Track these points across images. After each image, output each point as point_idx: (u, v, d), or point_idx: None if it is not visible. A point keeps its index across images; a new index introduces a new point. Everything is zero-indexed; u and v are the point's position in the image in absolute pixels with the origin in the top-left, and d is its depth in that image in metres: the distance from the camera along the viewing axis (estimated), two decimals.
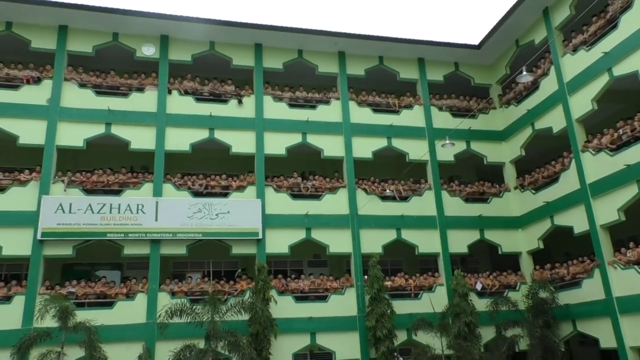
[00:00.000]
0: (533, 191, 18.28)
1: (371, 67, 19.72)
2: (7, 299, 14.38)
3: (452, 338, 15.32)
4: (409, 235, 18.01)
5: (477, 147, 19.72)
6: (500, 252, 18.80)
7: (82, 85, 16.86)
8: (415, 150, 18.84)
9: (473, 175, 21.24)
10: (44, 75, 16.61)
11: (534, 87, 18.33)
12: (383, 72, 19.94)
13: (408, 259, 19.45)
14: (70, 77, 16.80)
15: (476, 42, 20.00)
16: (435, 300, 16.64)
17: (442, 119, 19.52)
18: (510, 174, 19.64)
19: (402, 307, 16.48)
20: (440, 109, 19.90)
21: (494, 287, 17.76)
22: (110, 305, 14.95)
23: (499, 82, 20.51)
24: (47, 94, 16.32)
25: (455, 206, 18.68)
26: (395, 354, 15.69)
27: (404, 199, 18.44)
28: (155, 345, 14.50)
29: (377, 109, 19.38)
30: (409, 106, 19.66)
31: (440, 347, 15.22)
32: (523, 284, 17.86)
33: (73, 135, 16.26)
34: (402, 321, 16.15)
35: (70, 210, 15.27)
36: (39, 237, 14.88)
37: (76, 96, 16.61)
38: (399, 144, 19.02)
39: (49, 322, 12.67)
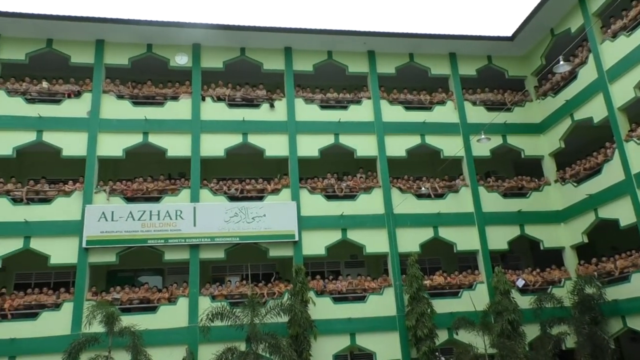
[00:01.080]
0: (575, 184, 17.72)
1: (402, 64, 19.55)
2: (57, 306, 14.94)
3: (495, 337, 15.01)
4: (446, 233, 17.75)
5: (514, 140, 19.27)
6: (542, 248, 18.31)
7: (120, 96, 17.38)
8: (450, 146, 18.57)
9: (511, 170, 20.77)
10: (83, 88, 17.22)
11: (571, 76, 17.77)
12: (414, 69, 19.74)
13: (446, 257, 19.18)
14: (108, 89, 17.34)
15: (509, 33, 19.56)
16: (476, 299, 16.36)
17: (477, 114, 19.17)
18: (549, 167, 19.09)
19: (442, 306, 16.28)
20: (474, 103, 19.55)
21: (537, 284, 17.31)
22: (153, 310, 15.32)
23: (534, 73, 19.99)
24: (87, 106, 16.89)
25: (493, 202, 18.31)
26: (437, 353, 15.49)
27: (440, 196, 18.19)
28: (198, 348, 14.77)
29: (409, 106, 19.21)
30: (442, 102, 19.40)
31: (483, 346, 14.93)
32: (568, 279, 17.34)
33: (113, 146, 16.78)
34: (443, 320, 15.94)
35: (112, 218, 15.74)
36: (84, 245, 15.41)
37: (114, 107, 17.14)
38: (432, 140, 18.79)
39: (96, 327, 13.09)
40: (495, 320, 15.58)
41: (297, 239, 16.58)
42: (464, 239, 17.78)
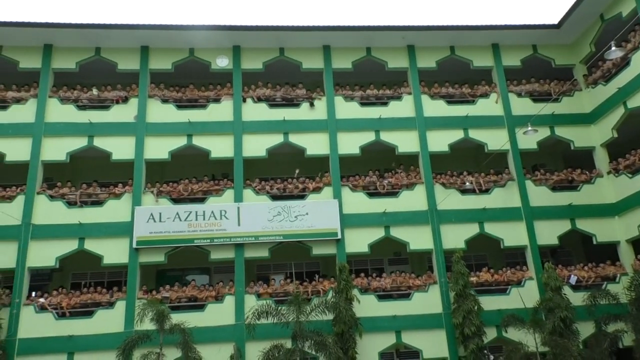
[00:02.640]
0: (629, 175, 16.92)
1: (442, 58, 19.20)
2: (111, 304, 15.55)
3: (547, 334, 14.55)
4: (492, 229, 17.34)
5: (563, 132, 18.59)
6: (595, 242, 17.60)
7: (165, 100, 17.88)
8: (495, 139, 18.12)
9: (560, 163, 20.07)
10: (130, 94, 17.81)
11: (624, 63, 16.95)
12: (455, 62, 19.35)
13: (493, 253, 18.74)
14: (153, 94, 17.87)
15: (554, 21, 18.87)
16: (525, 295, 15.95)
17: (522, 106, 18.61)
18: (601, 159, 18.32)
19: (489, 303, 15.93)
20: (519, 95, 18.99)
21: (590, 280, 16.67)
22: (201, 308, 15.70)
23: (583, 61, 19.21)
24: (134, 111, 17.47)
25: (541, 196, 17.74)
26: (486, 351, 15.18)
27: (485, 191, 17.78)
28: (245, 345, 15.04)
29: (451, 100, 18.86)
30: (485, 95, 18.94)
31: (534, 344, 14.51)
32: (624, 275, 16.60)
33: (159, 148, 17.29)
34: (491, 318, 15.61)
35: (160, 219, 16.23)
36: (134, 245, 15.95)
37: (160, 111, 17.65)
38: (476, 134, 18.38)
39: (147, 325, 13.56)
40: (546, 317, 15.12)
41: (339, 236, 16.59)
42: (512, 234, 17.32)
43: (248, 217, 16.51)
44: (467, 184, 17.71)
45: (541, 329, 14.67)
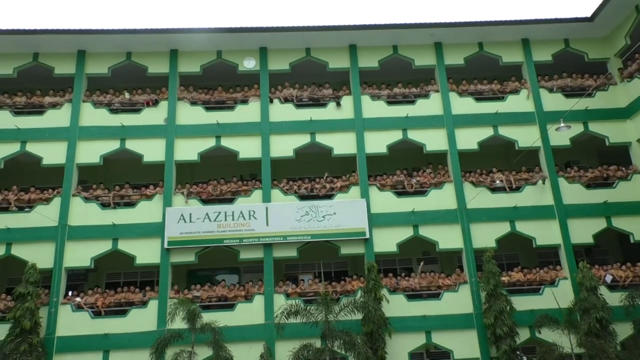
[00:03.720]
0: None
1: (471, 54, 18.93)
2: (144, 303, 15.88)
3: (582, 335, 14.22)
4: (524, 227, 17.00)
5: (597, 127, 18.08)
6: (632, 241, 17.04)
7: (193, 102, 18.16)
8: (526, 137, 17.77)
9: (594, 159, 19.54)
10: (160, 97, 18.15)
11: None
12: (484, 59, 19.05)
13: (525, 252, 18.39)
14: (182, 96, 18.18)
15: (587, 14, 18.38)
16: (559, 295, 15.61)
17: (554, 101, 18.19)
18: (638, 154, 17.75)
19: (522, 303, 15.65)
20: (551, 90, 18.56)
21: (628, 280, 16.16)
22: (231, 307, 15.89)
23: (618, 54, 18.64)
24: (164, 114, 17.80)
25: (575, 193, 17.29)
26: (518, 352, 14.90)
27: (516, 189, 17.44)
28: (274, 344, 15.14)
29: (480, 97, 18.58)
30: (515, 91, 18.58)
31: (569, 345, 14.17)
32: None
33: (188, 150, 17.56)
34: (524, 318, 15.34)
35: (190, 220, 16.49)
36: (165, 245, 16.25)
37: (189, 113, 17.93)
38: (506, 131, 18.05)
39: (179, 324, 13.81)
40: (581, 318, 14.79)
41: (367, 236, 16.55)
42: (544, 233, 16.94)
43: (276, 217, 16.62)
44: (498, 182, 17.42)
45: (576, 330, 14.35)
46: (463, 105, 18.31)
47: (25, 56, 18.06)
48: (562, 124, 14.60)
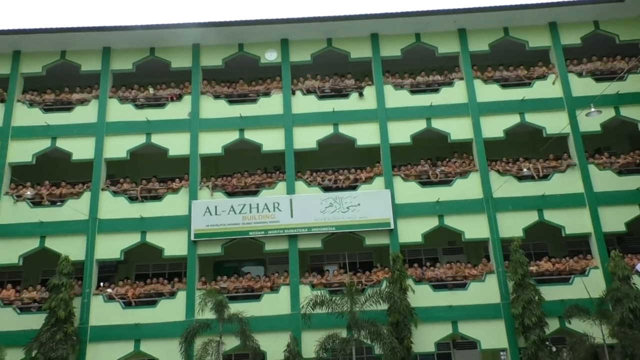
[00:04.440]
0: None
1: (496, 40, 18.53)
2: (172, 294, 16.20)
3: (615, 326, 13.90)
4: (553, 216, 16.66)
5: (629, 112, 17.50)
6: None
7: (216, 96, 18.31)
8: (554, 123, 17.35)
9: (626, 145, 18.96)
10: (184, 91, 18.35)
11: None
12: (510, 44, 18.62)
13: (554, 241, 18.03)
14: (205, 90, 18.34)
15: None
16: (590, 285, 15.26)
17: (583, 86, 17.68)
18: None
19: (551, 293, 15.39)
20: (580, 75, 18.04)
21: None
22: (257, 298, 16.07)
23: None
24: (188, 108, 17.99)
25: (606, 181, 16.83)
26: (547, 343, 14.67)
27: (544, 177, 17.08)
28: (301, 334, 15.27)
29: (505, 84, 18.20)
30: (542, 76, 18.13)
31: (601, 336, 13.89)
32: None
33: (213, 144, 17.74)
34: (553, 308, 15.09)
35: (216, 212, 16.70)
36: (192, 238, 16.51)
37: (212, 107, 18.09)
38: (533, 118, 17.65)
39: (207, 314, 14.05)
40: (613, 308, 14.46)
41: (392, 226, 16.47)
42: (574, 221, 16.57)
43: (300, 209, 16.68)
44: (525, 170, 17.09)
45: (608, 320, 14.07)
46: (488, 92, 17.97)
47: (53, 54, 18.49)
48: (592, 109, 14.22)
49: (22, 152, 17.53)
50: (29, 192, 16.95)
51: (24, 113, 17.94)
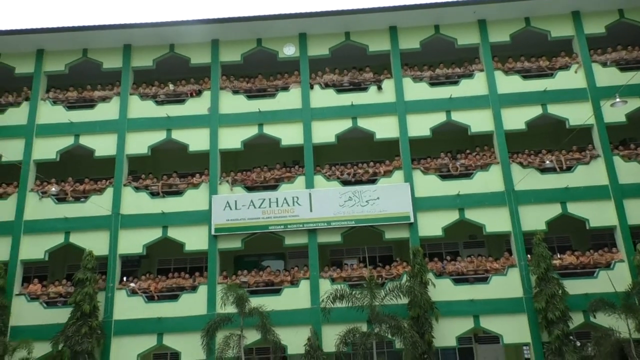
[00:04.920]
0: None
1: (517, 30, 18.22)
2: (194, 288, 16.38)
3: None
4: (576, 209, 16.37)
5: None
6: None
7: (235, 91, 18.38)
8: (577, 114, 17.03)
9: None
10: (203, 87, 18.48)
11: None
12: (531, 34, 18.30)
13: (577, 234, 17.74)
14: (224, 85, 18.43)
15: None
16: (616, 279, 14.97)
17: (608, 76, 17.30)
18: None
19: (575, 286, 15.15)
20: (604, 64, 17.63)
21: None
22: (277, 292, 16.14)
23: None
24: (208, 104, 18.12)
25: (632, 173, 16.47)
26: (572, 337, 14.45)
27: (568, 169, 16.78)
28: (321, 328, 15.30)
29: (527, 75, 17.90)
30: (565, 67, 17.77)
31: (627, 330, 13.62)
32: None
33: (232, 139, 17.84)
34: (577, 302, 14.87)
35: (236, 207, 16.80)
36: (212, 232, 16.65)
37: (231, 102, 18.17)
38: (556, 109, 17.34)
39: (228, 308, 14.16)
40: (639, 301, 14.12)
41: (412, 220, 16.38)
42: (598, 214, 16.26)
43: (320, 203, 16.69)
44: (547, 162, 16.81)
45: (634, 314, 13.81)
46: (509, 83, 17.70)
47: (75, 53, 18.78)
48: (617, 99, 13.91)
49: (46, 149, 17.88)
50: (53, 189, 17.31)
51: (47, 111, 18.28)
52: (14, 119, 18.13)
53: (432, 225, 16.52)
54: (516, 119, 17.36)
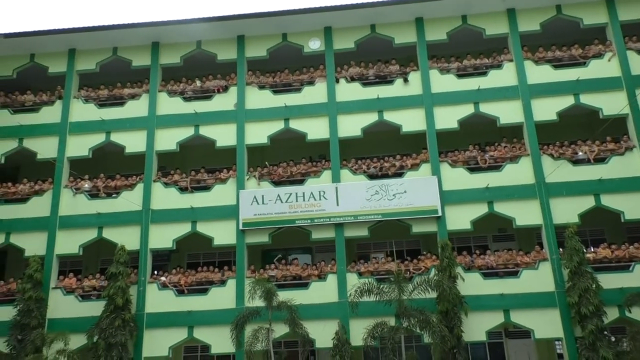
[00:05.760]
0: None
1: (547, 19, 17.75)
2: (222, 282, 16.61)
3: None
4: (611, 201, 15.92)
5: None
6: None
7: (261, 86, 18.48)
8: (611, 104, 16.52)
9: None
10: (230, 83, 18.63)
11: None
12: (562, 22, 17.81)
13: (612, 227, 17.28)
14: (250, 81, 18.55)
15: None
16: None
17: None
18: None
19: (609, 281, 14.76)
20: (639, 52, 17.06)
21: None
22: (305, 286, 16.23)
23: None
24: (234, 99, 18.26)
25: None
26: (606, 332, 14.11)
27: (601, 160, 16.32)
28: (349, 322, 15.33)
29: (558, 64, 17.44)
30: (599, 55, 17.24)
31: None
32: None
33: (258, 134, 17.95)
34: (612, 296, 14.50)
35: (263, 202, 16.93)
36: (240, 227, 16.83)
37: (257, 98, 18.28)
38: (589, 99, 16.86)
39: (256, 302, 14.31)
40: None
41: (440, 214, 16.21)
42: (635, 206, 15.76)
43: (346, 197, 16.67)
44: (580, 153, 16.38)
45: None
46: (540, 73, 17.28)
47: (105, 51, 19.17)
48: None
49: (79, 146, 18.34)
50: (86, 185, 17.78)
51: (80, 109, 18.73)
52: (48, 117, 18.65)
53: (461, 218, 16.32)
54: (547, 109, 16.95)
